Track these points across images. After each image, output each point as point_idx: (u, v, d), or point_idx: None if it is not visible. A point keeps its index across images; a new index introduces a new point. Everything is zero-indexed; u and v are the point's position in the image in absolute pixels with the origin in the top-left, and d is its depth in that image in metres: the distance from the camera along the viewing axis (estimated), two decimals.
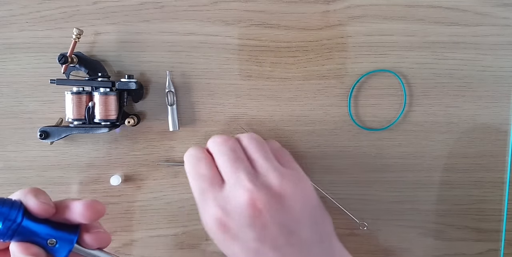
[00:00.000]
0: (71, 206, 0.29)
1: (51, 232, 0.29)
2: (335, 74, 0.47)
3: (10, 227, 0.27)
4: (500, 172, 0.48)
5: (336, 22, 0.46)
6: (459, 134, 0.48)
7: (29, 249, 0.27)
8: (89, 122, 0.44)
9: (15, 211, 0.27)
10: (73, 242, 0.29)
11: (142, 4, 0.46)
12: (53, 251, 0.29)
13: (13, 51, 0.46)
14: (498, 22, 0.47)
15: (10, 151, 0.47)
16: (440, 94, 0.47)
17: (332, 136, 0.48)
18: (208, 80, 0.47)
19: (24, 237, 0.28)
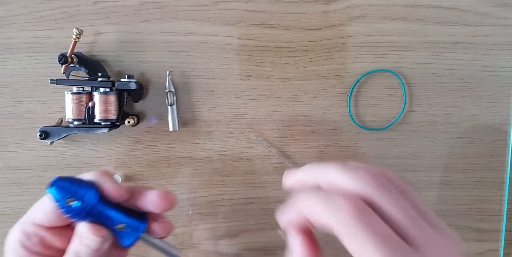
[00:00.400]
0: (146, 194, 0.29)
1: (121, 217, 0.28)
2: (335, 74, 0.47)
3: (86, 207, 0.27)
4: (500, 172, 0.48)
5: (336, 22, 0.46)
6: (459, 134, 0.48)
7: (100, 231, 0.27)
8: (89, 122, 0.44)
9: (92, 192, 0.27)
10: (143, 229, 0.29)
11: (142, 4, 0.46)
12: (120, 237, 0.28)
13: (13, 51, 0.46)
14: (498, 22, 0.47)
15: (10, 151, 0.47)
16: (440, 94, 0.47)
17: (332, 136, 0.48)
18: (208, 80, 0.47)
19: (95, 219, 0.27)
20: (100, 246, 0.27)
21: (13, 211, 0.48)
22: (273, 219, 0.49)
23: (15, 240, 0.28)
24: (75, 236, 0.28)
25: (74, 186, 0.27)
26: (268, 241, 0.49)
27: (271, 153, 0.47)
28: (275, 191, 0.48)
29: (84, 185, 0.27)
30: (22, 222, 0.29)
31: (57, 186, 0.26)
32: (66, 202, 0.26)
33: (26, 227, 0.28)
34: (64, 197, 0.26)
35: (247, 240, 0.49)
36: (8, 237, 0.29)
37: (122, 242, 0.28)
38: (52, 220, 0.28)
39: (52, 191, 0.26)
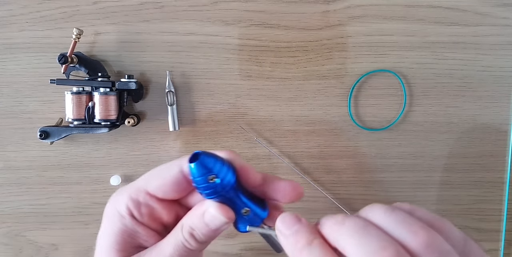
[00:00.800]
0: (279, 183, 0.27)
1: (248, 202, 0.27)
2: (335, 74, 0.47)
3: (224, 187, 0.25)
4: (500, 172, 0.48)
5: (336, 22, 0.46)
6: (459, 134, 0.48)
7: (228, 212, 0.26)
8: (89, 122, 0.44)
9: (231, 172, 0.26)
10: (264, 217, 0.28)
11: (142, 4, 0.46)
12: (239, 221, 0.27)
13: (13, 51, 0.46)
14: (498, 22, 0.47)
15: (10, 151, 0.47)
16: (440, 94, 0.47)
17: (332, 136, 0.48)
18: (208, 80, 0.47)
19: (224, 199, 0.26)
20: (221, 227, 0.27)
21: (13, 211, 0.48)
22: None
23: (122, 207, 0.27)
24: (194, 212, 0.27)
25: (218, 164, 0.25)
26: None
27: (271, 153, 0.47)
28: None
29: (226, 164, 0.25)
30: (132, 190, 0.27)
31: (203, 160, 0.25)
32: (207, 178, 0.25)
33: (138, 196, 0.27)
34: (207, 173, 0.25)
35: (247, 240, 0.49)
36: (113, 203, 0.28)
37: (240, 227, 0.27)
38: (168, 192, 0.27)
39: (197, 165, 0.24)
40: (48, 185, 0.47)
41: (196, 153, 0.25)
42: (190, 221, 0.27)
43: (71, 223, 0.48)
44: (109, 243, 0.27)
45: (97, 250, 0.28)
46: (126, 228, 0.27)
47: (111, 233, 0.27)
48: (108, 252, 0.27)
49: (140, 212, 0.27)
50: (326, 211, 0.48)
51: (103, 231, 0.28)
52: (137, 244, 0.28)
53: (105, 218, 0.28)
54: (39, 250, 0.48)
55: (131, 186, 0.28)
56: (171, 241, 0.27)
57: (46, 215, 0.48)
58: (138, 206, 0.27)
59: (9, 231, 0.48)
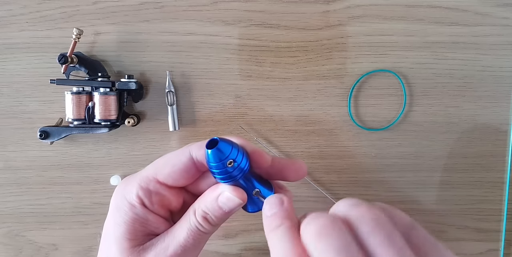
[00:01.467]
0: (286, 163, 0.28)
1: (257, 183, 0.28)
2: (335, 74, 0.47)
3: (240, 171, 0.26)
4: (500, 172, 0.48)
5: (336, 22, 0.46)
6: (459, 134, 0.48)
7: (243, 194, 0.27)
8: (89, 122, 0.44)
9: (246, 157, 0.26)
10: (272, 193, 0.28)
11: (142, 4, 0.46)
12: (250, 202, 0.28)
13: (13, 51, 0.46)
14: (498, 22, 0.47)
15: (10, 151, 0.47)
16: (440, 94, 0.47)
17: (332, 136, 0.48)
18: (208, 80, 0.47)
19: (238, 182, 0.27)
20: (234, 209, 0.27)
21: (12, 211, 0.48)
22: None
23: (133, 196, 0.27)
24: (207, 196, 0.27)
25: (234, 149, 0.25)
26: None
27: (271, 153, 0.47)
28: None
29: (240, 149, 0.26)
30: (141, 179, 0.28)
31: (220, 147, 0.25)
32: (224, 164, 0.25)
33: (149, 184, 0.27)
34: (224, 159, 0.25)
35: (247, 240, 0.49)
36: (122, 194, 0.28)
37: (249, 208, 0.28)
38: (178, 179, 0.28)
39: (215, 151, 0.25)
40: (48, 185, 0.47)
41: (214, 139, 0.25)
42: (203, 205, 0.27)
43: (71, 223, 0.48)
44: (120, 233, 0.27)
45: (106, 241, 0.28)
46: (137, 217, 0.27)
47: (122, 223, 0.27)
48: (120, 242, 0.27)
49: (151, 200, 0.27)
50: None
51: (113, 221, 0.28)
52: (148, 231, 0.28)
53: (114, 209, 0.28)
54: (39, 250, 0.48)
55: (140, 176, 0.28)
56: (184, 226, 0.27)
57: (46, 215, 0.48)
58: (149, 195, 0.27)
59: (9, 231, 0.48)
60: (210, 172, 0.26)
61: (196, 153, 0.27)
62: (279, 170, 0.28)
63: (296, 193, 0.48)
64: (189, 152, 0.27)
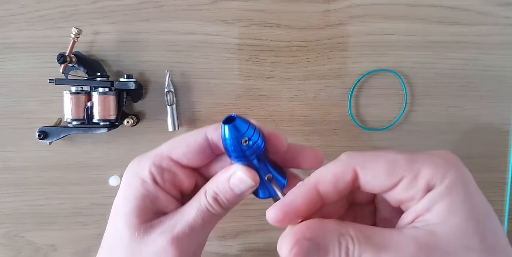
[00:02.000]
0: (302, 150, 0.28)
1: (271, 168, 0.27)
2: (336, 73, 0.47)
3: (256, 151, 0.25)
4: (502, 173, 0.48)
5: (337, 21, 0.46)
6: (461, 134, 0.48)
7: (256, 176, 0.27)
8: (88, 122, 0.43)
9: (262, 137, 0.26)
10: (285, 184, 0.28)
11: (142, 3, 0.45)
12: (261, 187, 0.27)
13: (12, 51, 0.46)
14: (500, 21, 0.46)
15: (8, 151, 0.47)
16: (441, 94, 0.47)
17: (333, 136, 0.48)
18: (208, 80, 0.47)
19: (251, 164, 0.26)
20: (245, 192, 0.27)
21: (11, 211, 0.47)
22: None
23: (145, 172, 0.27)
24: (219, 177, 0.27)
25: (251, 128, 0.25)
26: (268, 242, 0.49)
27: None
28: None
29: (257, 129, 0.26)
30: (155, 156, 0.28)
31: (238, 123, 0.25)
32: (240, 141, 0.25)
33: (162, 161, 0.28)
34: (240, 136, 0.25)
35: (247, 240, 0.49)
36: (134, 169, 0.28)
37: (260, 193, 0.28)
38: (192, 159, 0.28)
39: (232, 127, 0.24)
40: (46, 186, 0.47)
41: (231, 116, 0.25)
42: (214, 185, 0.27)
43: (69, 223, 0.48)
44: (129, 208, 0.27)
45: (115, 216, 0.28)
46: (148, 193, 0.27)
47: (132, 198, 0.27)
48: (128, 217, 0.27)
49: (162, 177, 0.27)
50: None
51: (123, 196, 0.28)
52: (157, 209, 0.27)
53: (125, 184, 0.28)
54: (38, 250, 0.48)
55: (153, 153, 0.28)
56: (194, 206, 0.27)
57: (45, 215, 0.48)
58: (161, 172, 0.27)
59: (8, 231, 0.48)
60: (225, 149, 0.26)
61: (212, 134, 0.27)
62: (295, 156, 0.28)
63: None
64: (205, 133, 0.27)
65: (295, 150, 0.28)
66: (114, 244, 0.27)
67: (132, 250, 0.26)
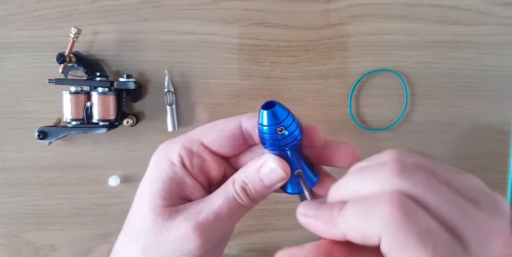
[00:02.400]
0: (339, 147, 0.27)
1: (304, 163, 0.26)
2: (336, 73, 0.47)
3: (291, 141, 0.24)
4: (502, 173, 0.48)
5: (337, 21, 0.46)
6: (461, 134, 0.48)
7: (288, 168, 0.26)
8: (87, 122, 0.43)
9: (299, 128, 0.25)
10: (315, 181, 0.27)
11: (141, 3, 0.45)
12: (290, 182, 0.27)
13: (11, 51, 0.46)
14: (500, 21, 0.46)
15: (8, 151, 0.47)
16: (441, 93, 0.47)
17: (333, 136, 0.47)
18: (208, 80, 0.46)
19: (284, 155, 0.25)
20: (275, 184, 0.26)
21: (11, 212, 0.47)
22: (273, 220, 0.48)
23: (175, 154, 0.26)
24: (249, 167, 0.26)
25: (290, 117, 0.24)
26: (268, 242, 0.48)
27: None
28: (275, 192, 0.48)
29: (296, 119, 0.25)
30: (186, 139, 0.27)
31: (277, 110, 0.23)
32: (277, 128, 0.24)
33: (192, 145, 0.27)
34: (277, 123, 0.24)
35: (247, 241, 0.48)
36: (164, 151, 0.27)
37: (288, 188, 0.27)
38: (223, 146, 0.27)
39: (271, 113, 0.23)
40: (46, 186, 0.47)
41: (271, 101, 0.24)
42: (243, 175, 0.26)
43: (69, 224, 0.47)
44: (156, 189, 0.26)
45: (140, 197, 0.27)
46: (175, 176, 0.26)
47: (159, 180, 0.26)
48: (154, 198, 0.26)
49: (191, 161, 0.27)
50: None
51: (150, 177, 0.27)
52: (183, 195, 0.27)
53: (153, 165, 0.27)
54: (37, 251, 0.48)
55: (185, 137, 0.28)
56: (221, 194, 0.26)
57: (44, 216, 0.47)
58: (191, 156, 0.27)
59: (7, 232, 0.48)
60: (259, 136, 0.25)
61: (246, 123, 0.27)
62: (331, 152, 0.27)
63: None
64: (239, 121, 0.27)
65: (331, 146, 0.27)
66: (135, 226, 0.27)
67: (154, 233, 0.26)
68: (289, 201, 0.48)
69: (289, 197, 0.50)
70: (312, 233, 0.23)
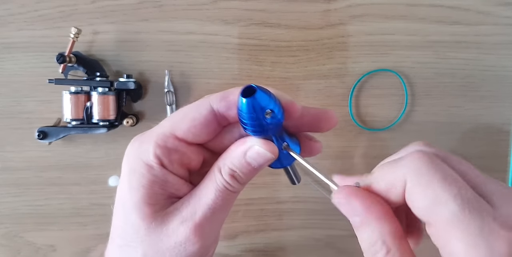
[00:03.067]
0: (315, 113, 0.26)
1: (287, 137, 0.25)
2: (336, 73, 0.47)
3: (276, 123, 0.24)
4: (502, 173, 0.48)
5: (337, 21, 0.46)
6: (461, 135, 0.48)
7: (274, 148, 0.25)
8: (87, 122, 0.43)
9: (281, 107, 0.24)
10: (299, 151, 0.27)
11: (141, 3, 0.45)
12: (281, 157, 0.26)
13: (11, 51, 0.46)
14: (500, 21, 0.46)
15: (8, 152, 0.47)
16: (442, 94, 0.47)
17: (333, 136, 0.47)
18: (208, 80, 0.46)
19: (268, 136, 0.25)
20: (263, 165, 0.25)
21: (10, 212, 0.47)
22: (273, 220, 0.48)
23: (150, 156, 0.24)
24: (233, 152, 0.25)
25: (272, 100, 0.23)
26: (268, 242, 0.48)
27: None
28: (276, 192, 0.48)
29: (277, 100, 0.23)
30: (157, 136, 0.25)
31: (259, 96, 0.22)
32: (261, 115, 0.22)
33: (166, 142, 0.24)
34: (261, 110, 0.22)
35: (247, 241, 0.48)
36: (135, 155, 0.25)
37: (273, 163, 0.26)
38: (199, 134, 0.25)
39: (251, 100, 0.22)
40: (46, 186, 0.47)
41: (251, 86, 0.22)
42: (229, 161, 0.25)
43: (69, 224, 0.47)
44: (139, 198, 0.25)
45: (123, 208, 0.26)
46: (156, 179, 0.25)
47: (139, 187, 0.25)
48: (140, 207, 0.25)
49: (170, 159, 0.25)
50: (327, 212, 0.48)
51: (128, 186, 0.25)
52: (168, 194, 0.25)
53: (129, 172, 0.25)
54: (37, 251, 0.48)
55: (155, 133, 0.25)
56: (211, 186, 0.25)
57: (44, 216, 0.47)
58: (168, 153, 0.25)
59: (7, 232, 0.47)
60: (241, 123, 0.24)
61: (218, 105, 0.25)
62: (310, 120, 0.26)
63: (297, 194, 0.48)
64: (209, 104, 0.25)
65: (309, 114, 0.26)
66: (128, 237, 0.25)
67: (153, 242, 0.25)
68: (289, 201, 0.48)
69: (289, 197, 0.50)
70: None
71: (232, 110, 0.25)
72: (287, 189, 0.48)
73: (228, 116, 0.25)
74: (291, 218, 0.48)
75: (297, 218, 0.48)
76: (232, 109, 0.25)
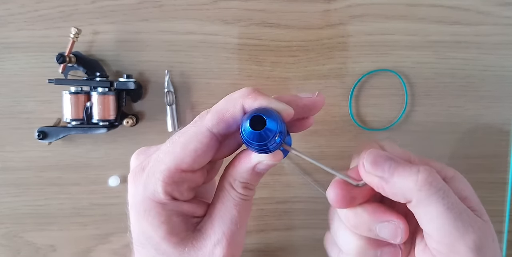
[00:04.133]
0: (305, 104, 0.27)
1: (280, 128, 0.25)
2: (336, 73, 0.47)
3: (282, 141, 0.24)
4: (502, 173, 0.48)
5: (337, 21, 0.46)
6: (461, 135, 0.48)
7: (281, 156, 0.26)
8: (87, 122, 0.43)
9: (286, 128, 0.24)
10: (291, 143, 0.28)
11: (141, 3, 0.45)
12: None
13: (11, 51, 0.46)
14: (500, 21, 0.46)
15: (8, 152, 0.47)
16: (442, 94, 0.47)
17: (333, 136, 0.47)
18: (208, 80, 0.46)
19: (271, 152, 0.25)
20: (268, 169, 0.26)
21: (10, 212, 0.47)
22: (273, 220, 0.48)
23: (160, 195, 0.25)
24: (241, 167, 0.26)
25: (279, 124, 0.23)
26: (268, 242, 0.48)
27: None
28: (276, 192, 0.48)
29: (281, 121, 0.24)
30: (161, 172, 0.25)
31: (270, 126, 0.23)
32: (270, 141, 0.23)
33: (173, 177, 0.25)
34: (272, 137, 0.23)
35: (247, 241, 0.48)
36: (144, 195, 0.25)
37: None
38: (204, 161, 0.26)
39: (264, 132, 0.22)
40: (46, 186, 0.47)
41: (258, 115, 0.23)
42: (239, 176, 0.26)
43: (69, 224, 0.47)
44: (164, 233, 0.25)
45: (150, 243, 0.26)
46: (173, 212, 0.26)
47: (160, 224, 0.25)
48: (168, 240, 0.25)
49: (180, 191, 0.26)
50: (327, 212, 0.48)
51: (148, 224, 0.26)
52: (186, 217, 0.26)
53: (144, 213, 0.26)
54: (37, 251, 0.48)
55: (158, 171, 0.25)
56: (228, 203, 0.26)
57: (44, 216, 0.47)
58: (177, 187, 0.25)
59: (7, 232, 0.47)
60: (246, 144, 0.24)
61: (217, 128, 0.25)
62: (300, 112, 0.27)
63: (297, 193, 0.48)
64: (207, 130, 0.25)
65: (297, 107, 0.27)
66: None
67: None
68: (290, 201, 0.48)
69: (289, 197, 0.50)
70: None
71: (232, 127, 0.25)
72: (287, 189, 0.48)
73: (228, 133, 0.26)
74: (291, 218, 0.48)
75: (297, 218, 0.48)
76: (232, 126, 0.25)
